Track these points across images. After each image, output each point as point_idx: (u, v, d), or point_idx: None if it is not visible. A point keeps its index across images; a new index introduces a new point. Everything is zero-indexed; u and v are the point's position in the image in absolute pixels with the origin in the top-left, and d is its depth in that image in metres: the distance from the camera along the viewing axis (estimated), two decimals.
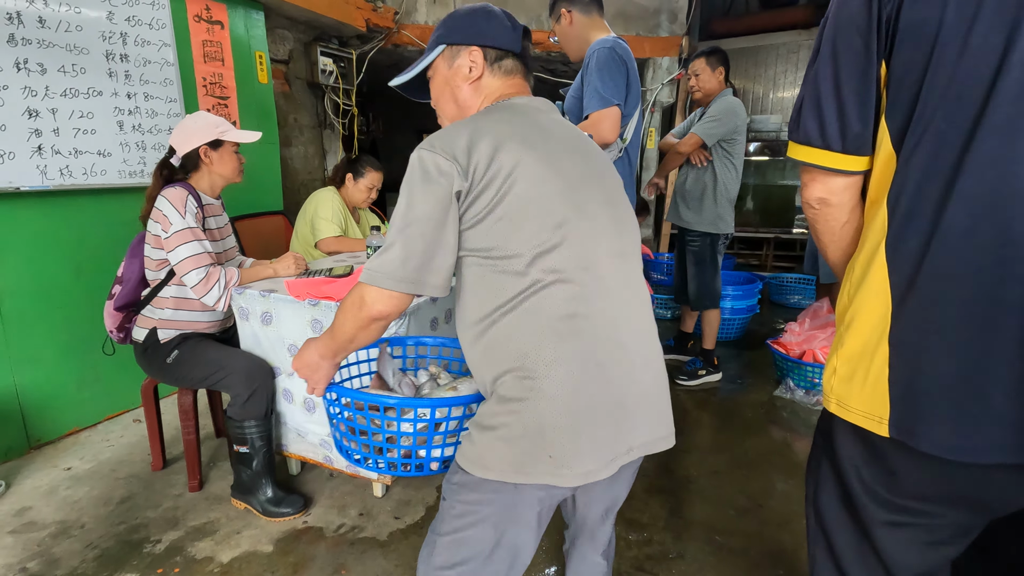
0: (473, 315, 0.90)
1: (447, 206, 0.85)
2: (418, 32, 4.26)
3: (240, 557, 1.67)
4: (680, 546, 1.74)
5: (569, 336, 0.85)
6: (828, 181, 0.80)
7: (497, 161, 0.85)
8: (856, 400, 0.76)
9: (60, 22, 2.14)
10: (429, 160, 0.86)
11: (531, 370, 0.84)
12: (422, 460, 1.08)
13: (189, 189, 1.80)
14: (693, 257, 2.91)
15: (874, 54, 0.72)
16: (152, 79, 2.49)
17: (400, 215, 0.87)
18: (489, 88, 1.02)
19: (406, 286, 0.86)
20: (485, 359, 0.90)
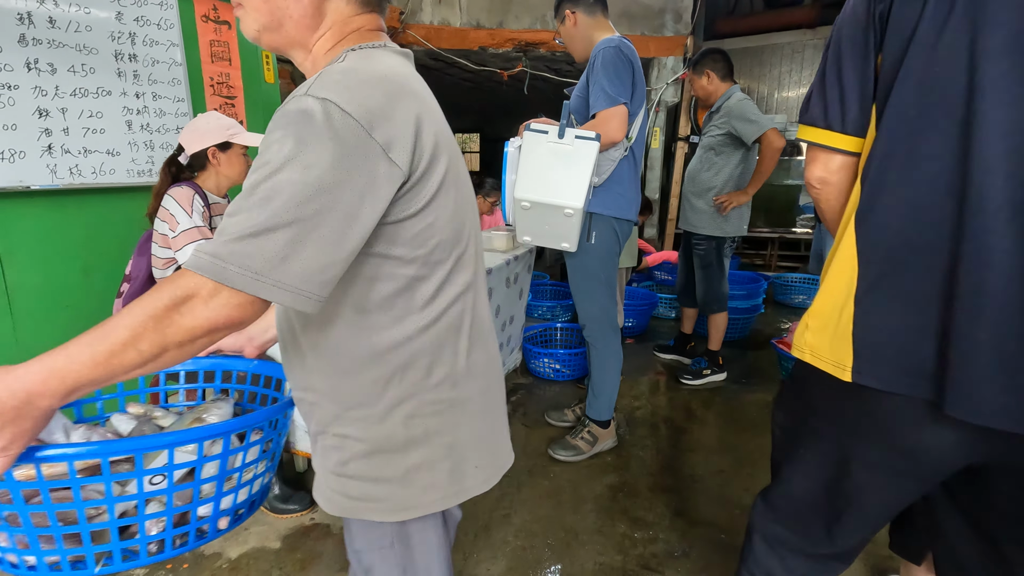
0: (375, 330, 0.72)
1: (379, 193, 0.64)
2: (423, 32, 4.28)
3: (248, 553, 1.68)
4: (685, 544, 1.75)
5: (478, 343, 0.81)
6: (828, 161, 0.90)
7: (434, 147, 0.70)
8: (827, 351, 0.86)
9: (70, 22, 2.16)
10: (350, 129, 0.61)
11: (451, 383, 0.77)
12: (206, 520, 0.85)
13: (196, 188, 1.81)
14: (699, 261, 2.90)
15: (872, 47, 0.81)
16: (160, 79, 2.50)
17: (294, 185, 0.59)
18: (339, 15, 0.74)
19: (279, 294, 0.60)
20: (377, 378, 0.73)
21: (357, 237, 0.63)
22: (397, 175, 0.64)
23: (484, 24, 4.40)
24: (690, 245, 2.97)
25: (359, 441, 0.74)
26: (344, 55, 0.70)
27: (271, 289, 0.59)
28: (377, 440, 0.74)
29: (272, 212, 0.58)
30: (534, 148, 1.79)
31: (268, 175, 0.59)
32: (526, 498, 1.97)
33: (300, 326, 0.75)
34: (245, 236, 0.58)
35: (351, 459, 0.75)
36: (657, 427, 2.52)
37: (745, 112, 2.62)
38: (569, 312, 3.89)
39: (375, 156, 0.62)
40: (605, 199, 2.03)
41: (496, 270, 2.28)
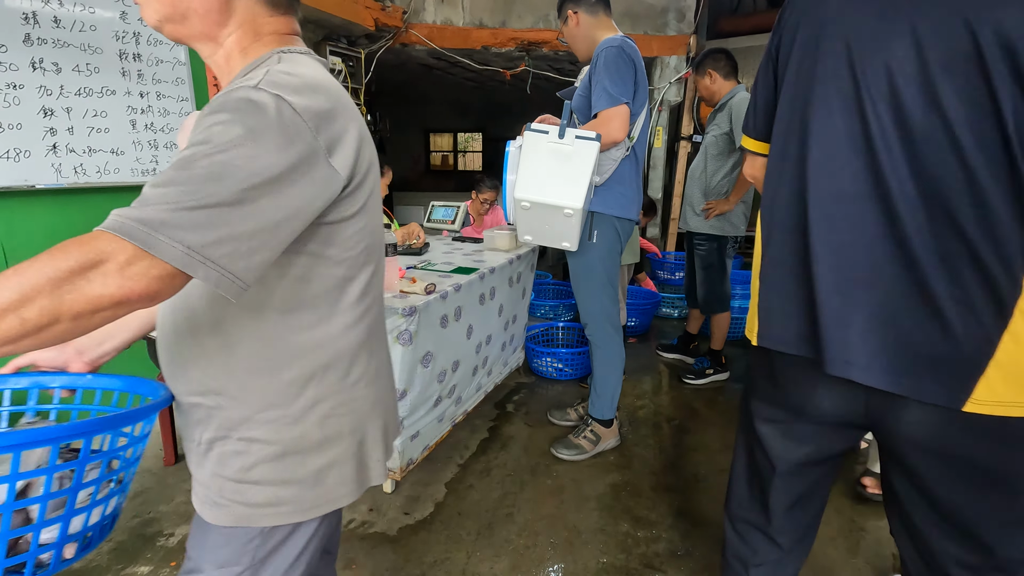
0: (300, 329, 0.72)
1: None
2: (426, 31, 4.28)
3: None
4: (688, 544, 1.75)
5: (383, 343, 0.87)
6: (752, 160, 1.10)
7: (370, 157, 0.75)
8: (750, 323, 1.03)
9: (75, 22, 2.17)
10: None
11: (367, 381, 0.79)
12: (49, 547, 0.65)
13: None
14: (701, 261, 2.90)
15: (771, 73, 0.99)
16: (164, 78, 2.51)
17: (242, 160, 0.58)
18: (249, 13, 0.72)
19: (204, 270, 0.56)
20: (296, 378, 0.72)
21: (289, 231, 0.63)
22: (337, 180, 0.66)
23: (487, 23, 4.40)
24: (691, 245, 2.97)
25: (269, 444, 0.72)
26: (275, 56, 0.70)
27: (199, 266, 0.55)
28: (290, 441, 0.73)
29: (213, 190, 0.56)
30: (535, 148, 1.79)
31: (210, 153, 0.57)
32: (529, 497, 1.98)
33: (210, 323, 0.71)
34: (181, 208, 0.55)
35: (257, 463, 0.72)
36: (660, 426, 2.52)
37: (742, 111, 2.62)
38: (571, 311, 3.89)
39: (319, 158, 0.64)
40: (607, 198, 2.03)
41: (499, 269, 2.29)
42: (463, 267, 2.18)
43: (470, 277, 2.03)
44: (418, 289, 1.77)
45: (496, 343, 2.46)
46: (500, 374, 2.64)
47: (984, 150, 0.72)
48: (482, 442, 2.35)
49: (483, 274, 2.13)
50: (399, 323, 1.63)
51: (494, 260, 2.34)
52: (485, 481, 2.06)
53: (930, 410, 0.80)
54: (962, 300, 0.75)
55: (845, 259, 0.84)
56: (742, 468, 1.12)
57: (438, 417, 2.02)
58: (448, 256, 2.44)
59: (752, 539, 1.11)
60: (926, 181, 0.76)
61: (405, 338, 1.64)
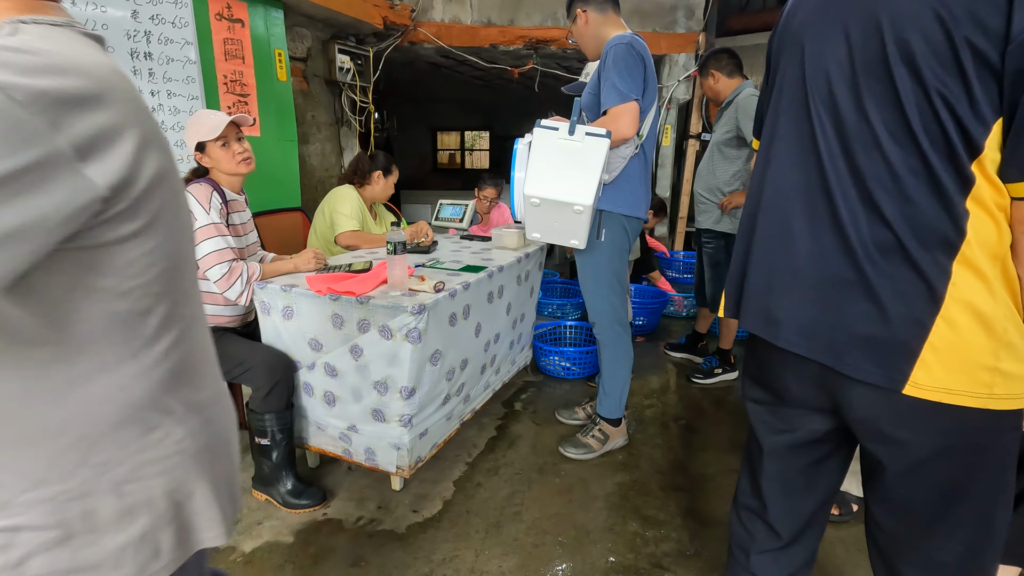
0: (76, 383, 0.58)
1: None
2: (434, 29, 4.28)
3: (262, 547, 1.70)
4: (697, 544, 1.74)
5: (207, 378, 0.73)
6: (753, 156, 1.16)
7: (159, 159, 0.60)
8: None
9: (87, 20, 2.18)
10: None
11: (181, 434, 0.66)
12: None
13: (213, 185, 1.83)
14: (708, 259, 2.89)
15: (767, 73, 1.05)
16: (175, 77, 2.53)
17: None
18: None
19: None
20: (75, 443, 0.59)
21: (14, 261, 0.47)
22: (89, 192, 0.50)
23: (495, 21, 4.40)
24: (700, 243, 2.96)
25: (43, 529, 0.57)
26: (12, 26, 0.54)
27: None
28: (74, 521, 0.59)
29: None
30: (544, 145, 1.79)
31: None
32: (537, 496, 1.98)
33: None
34: None
35: (31, 555, 0.57)
36: (668, 426, 2.52)
37: (749, 108, 2.60)
38: (578, 310, 3.88)
39: (57, 162, 0.48)
40: (615, 197, 2.02)
41: (507, 268, 2.28)
42: (471, 265, 2.18)
43: (479, 275, 2.03)
44: (427, 287, 1.77)
45: (504, 341, 2.46)
46: (508, 372, 2.64)
47: (901, 147, 0.77)
48: (490, 440, 2.35)
49: (492, 272, 2.12)
50: (408, 321, 1.63)
51: (502, 258, 2.33)
52: (493, 479, 2.07)
53: (875, 393, 0.83)
54: (893, 286, 0.79)
55: (784, 241, 0.92)
56: (744, 454, 1.16)
57: (446, 415, 2.02)
58: (456, 254, 2.44)
59: (752, 526, 1.12)
60: (859, 177, 0.82)
61: (414, 336, 1.65)
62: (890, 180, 0.78)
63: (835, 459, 1.04)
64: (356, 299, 1.69)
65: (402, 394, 1.74)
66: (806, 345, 0.89)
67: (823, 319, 0.87)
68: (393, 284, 1.78)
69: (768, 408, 1.05)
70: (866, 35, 0.79)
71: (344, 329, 1.74)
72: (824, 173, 0.86)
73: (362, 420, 1.84)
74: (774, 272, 0.94)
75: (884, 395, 0.82)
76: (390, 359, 1.70)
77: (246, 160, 1.88)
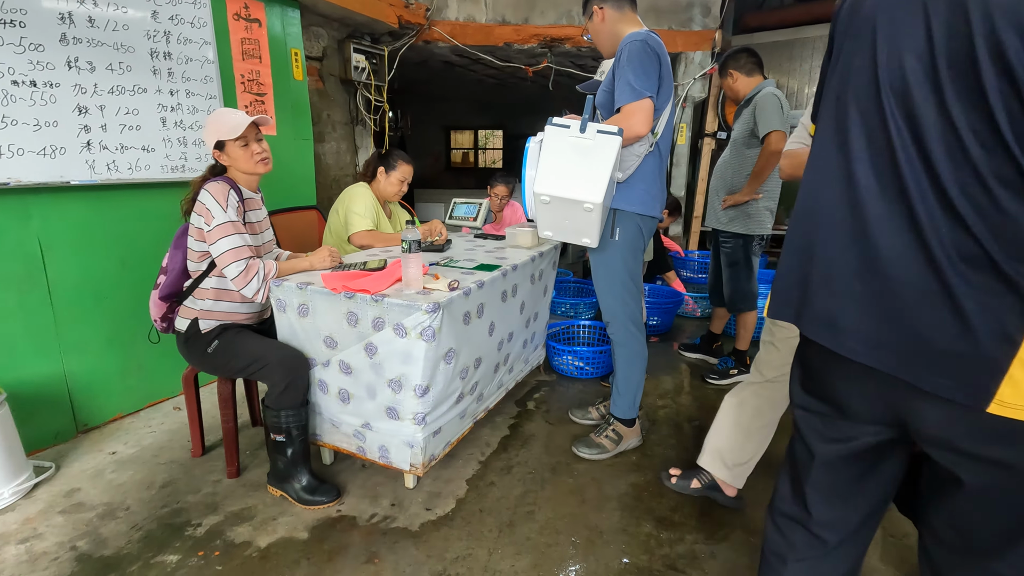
0: None
1: None
2: (449, 28, 4.28)
3: (277, 543, 1.71)
4: (713, 546, 1.73)
5: None
6: None
7: None
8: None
9: (108, 21, 2.22)
10: None
11: None
12: None
13: (230, 183, 1.85)
14: (727, 259, 2.86)
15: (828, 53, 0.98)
16: (193, 76, 2.55)
17: None
18: None
19: None
20: None
21: None
22: None
23: (509, 20, 4.39)
24: (717, 244, 2.92)
25: None
26: None
27: None
28: None
29: None
30: (555, 142, 1.78)
31: None
32: (550, 495, 1.97)
33: None
34: None
35: None
36: (682, 427, 2.49)
37: (766, 107, 2.57)
38: (592, 309, 3.86)
39: None
40: (629, 195, 2.00)
41: (521, 266, 2.28)
42: (486, 264, 2.18)
43: (493, 274, 2.02)
44: (441, 286, 1.77)
45: (518, 340, 2.46)
46: (521, 371, 2.64)
47: (989, 154, 0.70)
48: (503, 439, 2.35)
49: (506, 271, 2.12)
50: (422, 319, 1.63)
51: (516, 257, 2.33)
52: (506, 479, 2.06)
53: (953, 409, 0.77)
54: (979, 299, 0.73)
55: (852, 240, 0.85)
56: (786, 460, 1.10)
57: (460, 414, 2.02)
58: (470, 253, 2.44)
59: (791, 534, 1.07)
60: (937, 181, 0.75)
61: (428, 335, 1.65)
62: (978, 189, 0.72)
63: (891, 469, 0.98)
64: (371, 297, 1.69)
65: (416, 392, 1.74)
66: (873, 355, 0.83)
67: (895, 329, 0.81)
68: (408, 282, 1.79)
69: (820, 417, 0.99)
70: (952, 26, 0.71)
71: (359, 327, 1.74)
72: (899, 172, 0.79)
73: (376, 418, 1.85)
74: (838, 274, 0.87)
75: (964, 412, 0.77)
76: (404, 357, 1.71)
77: (264, 160, 1.89)
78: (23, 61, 1.98)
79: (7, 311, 2.08)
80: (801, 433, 1.03)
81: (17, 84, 1.97)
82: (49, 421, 2.23)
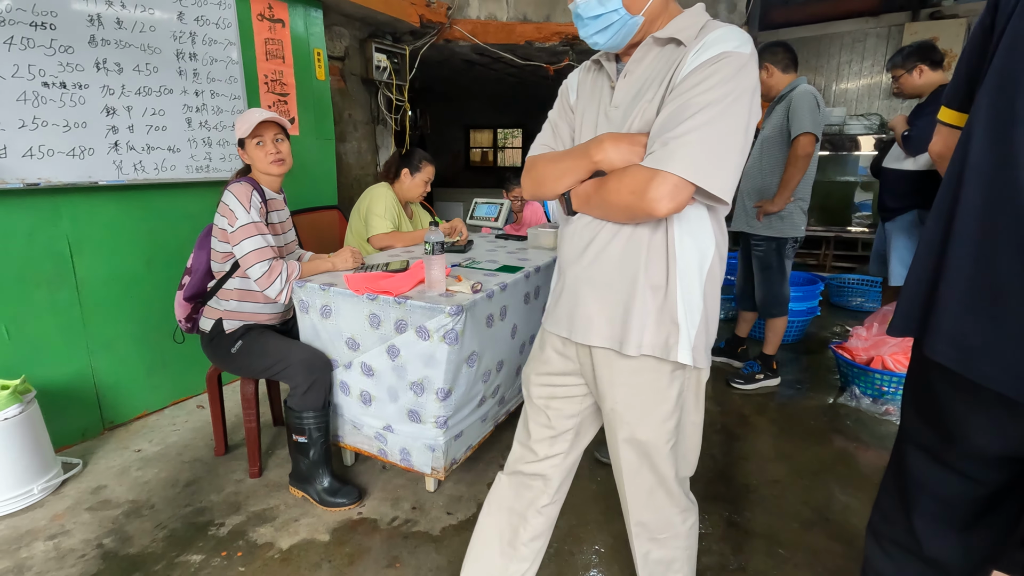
0: None
1: None
2: (470, 27, 4.26)
3: (298, 544, 1.71)
4: (741, 558, 1.68)
5: None
6: (948, 136, 0.96)
7: None
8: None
9: (135, 23, 2.24)
10: None
11: None
12: None
13: (253, 184, 1.85)
14: (759, 262, 2.78)
15: (988, 25, 0.84)
16: (218, 77, 2.57)
17: None
18: None
19: None
20: None
21: None
22: None
23: (531, 18, 4.35)
24: (749, 246, 2.85)
25: None
26: None
27: None
28: None
29: None
30: None
31: None
32: (573, 502, 1.93)
33: None
34: None
35: None
36: (707, 433, 2.43)
37: (799, 106, 2.50)
38: None
39: None
40: None
41: (544, 268, 2.24)
42: (508, 266, 2.15)
43: (515, 276, 2.00)
44: (464, 288, 1.75)
45: None
46: None
47: None
48: None
49: (528, 273, 2.09)
50: (445, 322, 1.61)
51: (539, 259, 2.30)
52: None
53: None
54: None
55: (1004, 250, 0.73)
56: (891, 481, 1.00)
57: (481, 417, 2.00)
58: (492, 254, 2.41)
59: (901, 561, 0.98)
60: None
61: (451, 337, 1.63)
62: None
63: (1012, 501, 0.88)
64: (393, 299, 1.68)
65: (438, 395, 1.72)
66: (1014, 384, 0.72)
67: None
68: (430, 284, 1.77)
69: (935, 445, 0.89)
70: None
71: (381, 329, 1.73)
72: None
73: (398, 420, 1.83)
74: (981, 288, 0.75)
75: None
76: (427, 360, 1.69)
77: (277, 161, 1.87)
78: (53, 63, 2.01)
79: (38, 309, 2.12)
80: (906, 458, 0.94)
81: (47, 86, 2.00)
82: (77, 418, 2.27)
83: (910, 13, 5.23)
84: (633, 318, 1.00)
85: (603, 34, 1.00)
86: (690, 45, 0.95)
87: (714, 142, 0.88)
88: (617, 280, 1.01)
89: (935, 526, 0.92)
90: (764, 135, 2.72)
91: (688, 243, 0.99)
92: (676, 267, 0.98)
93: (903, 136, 2.67)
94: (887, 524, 1.00)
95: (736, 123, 0.89)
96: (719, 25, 0.96)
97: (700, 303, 1.01)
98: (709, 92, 0.88)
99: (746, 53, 0.91)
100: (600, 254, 1.02)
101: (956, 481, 0.87)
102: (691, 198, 0.92)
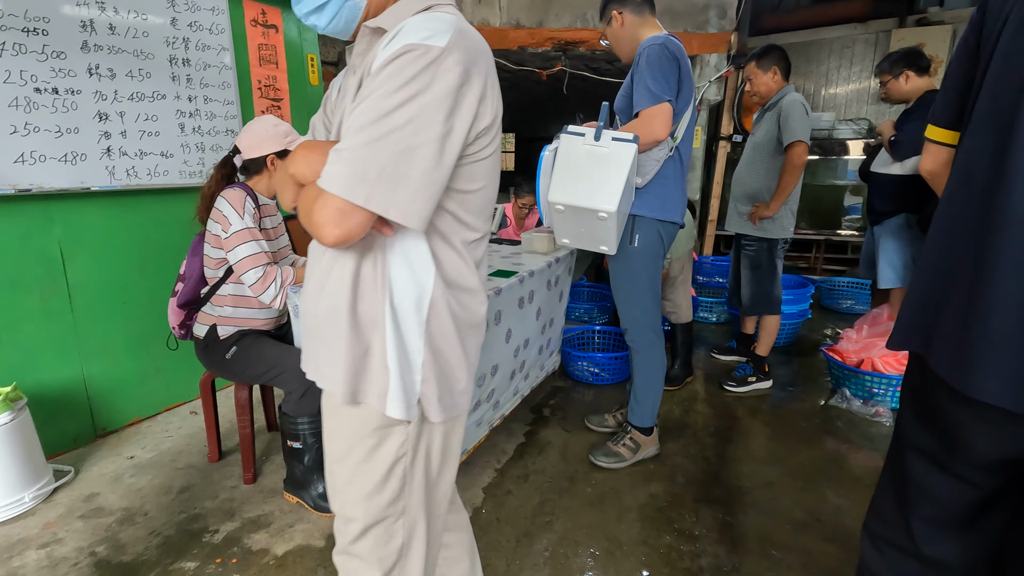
0: None
1: None
2: None
3: (294, 551, 1.70)
4: (735, 560, 1.69)
5: None
6: (936, 154, 0.97)
7: None
8: None
9: (129, 28, 2.23)
10: None
11: None
12: None
13: (247, 190, 1.85)
14: (749, 261, 2.82)
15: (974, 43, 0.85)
16: (211, 82, 2.57)
17: None
18: None
19: None
20: None
21: None
22: None
23: (524, 23, 4.38)
24: (739, 247, 2.89)
25: None
26: None
27: None
28: None
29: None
30: (570, 151, 1.77)
31: None
32: (568, 505, 1.94)
33: None
34: None
35: None
36: (701, 436, 2.46)
37: (790, 115, 2.55)
38: (606, 314, 3.83)
39: None
40: (649, 201, 1.97)
41: (538, 272, 2.26)
42: (503, 270, 2.16)
43: (510, 281, 2.01)
44: None
45: (533, 347, 2.43)
46: (537, 378, 2.62)
47: None
48: (519, 447, 2.33)
49: (522, 277, 2.10)
50: None
51: (533, 263, 2.31)
52: (523, 487, 2.04)
53: None
54: None
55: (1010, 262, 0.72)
56: (887, 484, 1.00)
57: (476, 421, 2.00)
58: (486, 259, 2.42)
59: (896, 561, 0.99)
60: None
61: None
62: None
63: (1010, 501, 0.89)
64: None
65: None
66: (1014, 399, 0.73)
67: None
68: None
69: (935, 450, 0.90)
70: None
71: None
72: None
73: None
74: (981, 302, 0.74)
75: None
76: None
77: None
78: (45, 68, 2.00)
79: (29, 315, 2.10)
80: (907, 463, 0.94)
81: (40, 91, 1.99)
82: (68, 425, 2.25)
83: (897, 20, 5.30)
84: (341, 360, 0.84)
85: (319, 15, 0.84)
86: (390, 34, 0.76)
87: (388, 157, 0.71)
88: (327, 315, 0.86)
89: (934, 528, 0.92)
90: (755, 141, 2.76)
91: (403, 274, 0.82)
92: (387, 302, 0.82)
93: (890, 141, 2.71)
94: (883, 526, 1.01)
95: (423, 134, 0.72)
96: (430, 9, 0.80)
97: (421, 346, 0.84)
98: (388, 97, 0.71)
99: (439, 46, 0.72)
100: (318, 285, 0.88)
101: (956, 485, 0.88)
102: (373, 224, 0.76)
